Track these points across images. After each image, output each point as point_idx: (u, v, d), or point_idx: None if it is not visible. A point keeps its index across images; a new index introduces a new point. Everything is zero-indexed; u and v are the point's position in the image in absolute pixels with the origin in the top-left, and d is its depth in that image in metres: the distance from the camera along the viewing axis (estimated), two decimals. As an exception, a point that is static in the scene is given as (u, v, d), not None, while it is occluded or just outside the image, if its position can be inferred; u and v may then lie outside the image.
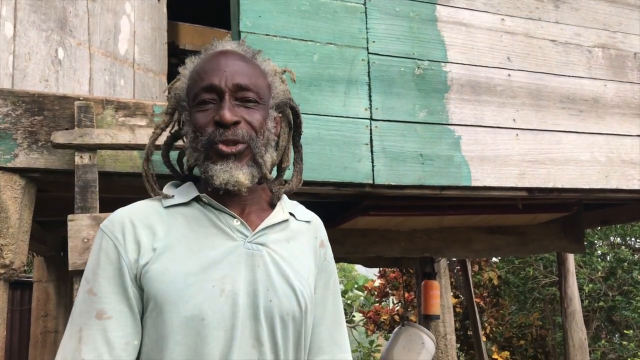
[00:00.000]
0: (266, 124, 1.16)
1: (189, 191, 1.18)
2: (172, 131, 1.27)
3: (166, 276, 1.07)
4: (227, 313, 1.07)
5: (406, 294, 7.57)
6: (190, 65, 1.21)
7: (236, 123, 1.10)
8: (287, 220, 1.21)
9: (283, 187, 1.26)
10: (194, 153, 1.14)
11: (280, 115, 1.23)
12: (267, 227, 1.16)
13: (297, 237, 1.22)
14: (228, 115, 1.09)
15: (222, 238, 1.13)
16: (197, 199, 1.17)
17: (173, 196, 1.17)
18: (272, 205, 1.22)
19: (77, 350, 1.05)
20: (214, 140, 1.10)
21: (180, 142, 1.28)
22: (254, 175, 1.13)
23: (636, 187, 2.44)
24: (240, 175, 1.10)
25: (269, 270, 1.12)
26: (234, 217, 1.14)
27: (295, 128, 1.28)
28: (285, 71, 1.27)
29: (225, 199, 1.15)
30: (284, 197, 1.25)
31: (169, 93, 1.24)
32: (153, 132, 1.24)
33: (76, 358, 1.05)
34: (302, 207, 1.29)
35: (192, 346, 1.06)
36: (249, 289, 1.10)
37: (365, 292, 9.56)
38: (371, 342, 9.36)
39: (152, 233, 1.11)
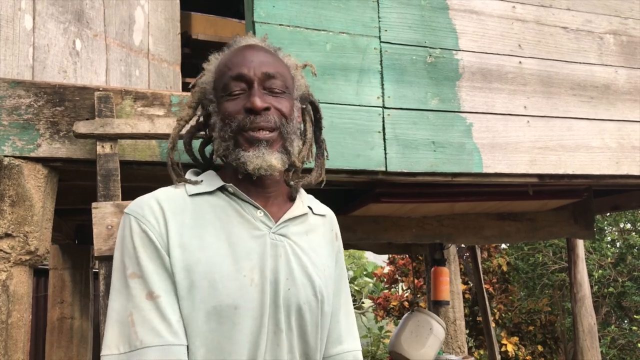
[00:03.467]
0: (293, 113, 1.19)
1: (213, 180, 1.21)
2: (195, 123, 1.30)
3: (199, 267, 1.09)
4: (257, 302, 1.11)
5: (415, 281, 7.62)
6: (214, 60, 1.25)
7: (267, 109, 1.14)
8: (306, 214, 1.25)
9: (301, 180, 1.29)
10: (222, 143, 1.17)
11: (303, 107, 1.27)
12: (288, 220, 1.20)
13: (315, 230, 1.25)
14: (259, 101, 1.12)
15: (248, 228, 1.15)
16: (221, 189, 1.19)
17: (202, 181, 1.19)
18: (292, 199, 1.25)
19: (130, 334, 1.05)
20: (244, 127, 1.13)
21: (201, 133, 1.31)
22: (284, 161, 1.16)
23: (647, 173, 2.46)
24: (273, 159, 1.13)
25: (290, 261, 1.16)
26: (258, 208, 1.17)
27: (315, 123, 1.32)
28: (305, 65, 1.31)
29: (250, 189, 1.18)
30: (302, 190, 1.29)
31: (192, 88, 1.27)
32: (177, 124, 1.27)
33: (132, 341, 1.04)
34: (317, 202, 1.33)
35: (225, 333, 1.08)
36: (271, 277, 1.13)
37: (375, 278, 9.62)
38: (380, 328, 9.44)
39: (181, 220, 1.13)
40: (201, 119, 1.29)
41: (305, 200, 1.27)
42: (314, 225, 1.26)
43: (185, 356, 1.06)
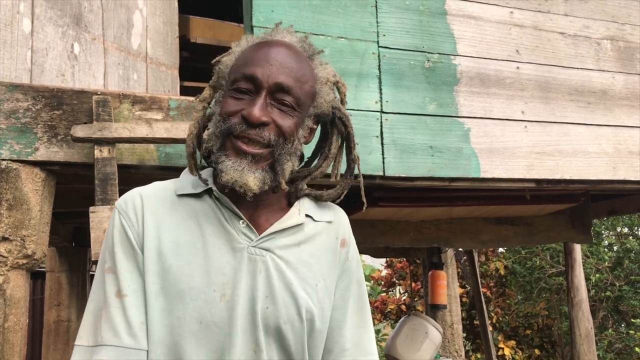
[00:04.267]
0: (297, 132, 1.08)
1: (206, 179, 1.11)
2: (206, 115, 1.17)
3: (170, 275, 1.04)
4: (225, 318, 1.04)
5: (413, 284, 7.62)
6: (244, 43, 1.13)
7: (264, 124, 1.03)
8: (300, 225, 1.13)
9: (311, 191, 1.18)
10: (213, 137, 1.07)
11: (315, 126, 1.14)
12: (275, 232, 1.10)
13: (312, 240, 1.14)
14: (257, 113, 1.01)
15: (227, 239, 1.07)
16: (209, 192, 1.10)
17: (207, 180, 1.10)
18: (290, 204, 1.15)
19: (97, 329, 1.04)
20: (233, 132, 1.03)
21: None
22: (265, 182, 1.04)
23: (644, 178, 2.46)
24: (251, 179, 1.02)
25: (270, 277, 1.07)
26: (240, 219, 1.08)
27: (346, 139, 1.18)
28: (338, 82, 1.18)
29: (238, 195, 1.06)
30: (305, 198, 1.17)
31: (216, 65, 1.15)
32: (202, 106, 1.15)
33: (97, 336, 1.03)
34: (324, 207, 1.21)
35: (187, 347, 1.03)
36: (248, 294, 1.05)
37: (372, 282, 9.62)
38: (377, 332, 9.44)
39: (160, 220, 1.08)
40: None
41: (303, 208, 1.16)
42: (311, 235, 1.15)
43: None
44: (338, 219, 1.22)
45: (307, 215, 1.15)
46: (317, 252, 1.14)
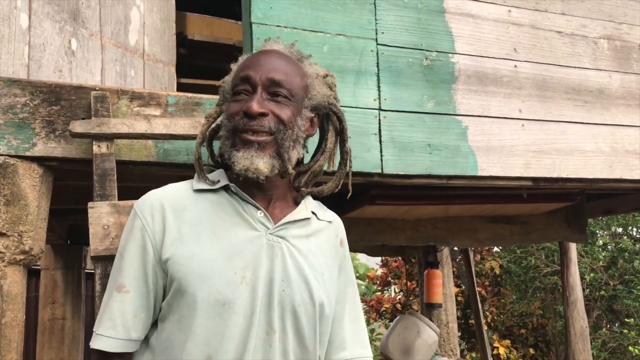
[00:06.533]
0: (296, 121, 1.20)
1: (220, 179, 1.24)
2: (216, 124, 1.33)
3: (192, 261, 1.12)
4: (247, 300, 1.12)
5: (408, 283, 7.63)
6: (240, 60, 1.29)
7: (263, 115, 1.16)
8: (308, 219, 1.26)
9: (315, 188, 1.30)
10: (225, 141, 1.21)
11: (315, 116, 1.27)
12: (288, 222, 1.21)
13: (317, 235, 1.26)
14: (255, 106, 1.15)
15: (245, 228, 1.18)
16: (225, 188, 1.22)
17: (218, 181, 1.22)
18: (297, 203, 1.27)
19: (100, 318, 1.17)
20: (238, 128, 1.16)
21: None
22: (274, 167, 1.17)
23: (639, 177, 2.47)
24: (261, 164, 1.14)
25: (286, 262, 1.17)
26: (258, 209, 1.19)
27: (340, 133, 1.32)
28: (327, 75, 1.31)
29: (252, 190, 1.20)
30: (309, 197, 1.30)
31: (220, 87, 1.31)
32: (206, 120, 1.30)
33: (100, 324, 1.17)
34: (325, 208, 1.35)
35: (213, 328, 1.10)
36: (266, 277, 1.14)
37: (367, 280, 9.62)
38: (372, 331, 9.45)
39: (181, 216, 1.17)
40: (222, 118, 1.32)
41: (309, 206, 1.28)
42: (317, 230, 1.27)
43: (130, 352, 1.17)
44: (337, 221, 1.35)
45: (312, 213, 1.28)
46: (322, 246, 1.26)
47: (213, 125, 1.31)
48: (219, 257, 1.14)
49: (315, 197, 1.33)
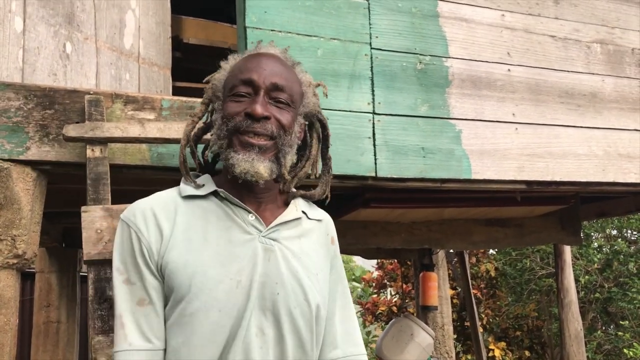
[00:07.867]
0: (294, 126, 1.21)
1: (207, 185, 1.22)
2: (205, 122, 1.32)
3: (188, 269, 1.12)
4: (241, 304, 1.12)
5: (404, 286, 7.64)
6: (232, 60, 1.28)
7: (266, 118, 1.16)
8: (299, 219, 1.25)
9: (305, 192, 1.31)
10: (218, 141, 1.19)
11: (306, 123, 1.29)
12: (279, 224, 1.21)
13: (308, 235, 1.26)
14: (260, 109, 1.15)
15: (237, 231, 1.17)
16: (214, 193, 1.21)
17: (203, 185, 1.21)
18: (287, 204, 1.27)
19: (123, 336, 1.12)
20: (239, 129, 1.15)
21: (207, 136, 1.32)
22: (272, 171, 1.17)
23: (633, 181, 2.49)
24: (261, 167, 1.14)
25: (279, 265, 1.16)
26: (249, 212, 1.19)
27: (323, 140, 1.33)
28: (319, 85, 1.33)
29: (242, 194, 1.19)
30: (298, 197, 1.30)
31: (207, 83, 1.29)
32: (191, 120, 1.28)
33: (122, 343, 1.12)
34: (315, 207, 1.34)
35: (208, 335, 1.10)
36: (260, 280, 1.14)
37: (363, 283, 9.63)
38: (368, 333, 9.45)
39: (172, 222, 1.16)
40: (209, 119, 1.31)
41: (299, 206, 1.28)
42: (308, 230, 1.27)
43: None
44: (327, 219, 1.35)
45: (302, 212, 1.28)
46: (314, 245, 1.26)
47: (198, 126, 1.30)
48: (212, 264, 1.13)
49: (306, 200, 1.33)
